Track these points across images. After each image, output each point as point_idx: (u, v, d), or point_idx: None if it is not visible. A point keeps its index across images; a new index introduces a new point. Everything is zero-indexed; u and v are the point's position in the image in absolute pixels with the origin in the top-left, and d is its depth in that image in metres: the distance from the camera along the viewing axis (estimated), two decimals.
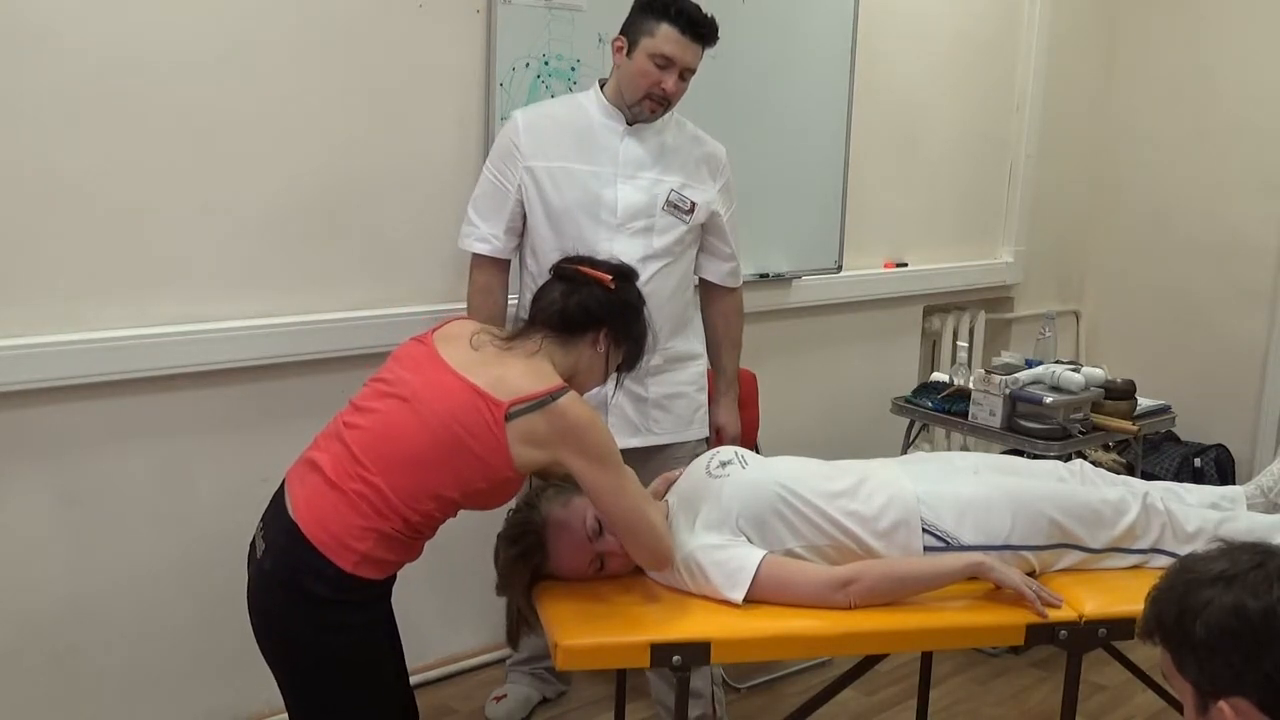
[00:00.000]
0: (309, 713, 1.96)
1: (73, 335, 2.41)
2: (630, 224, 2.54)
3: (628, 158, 2.56)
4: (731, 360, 2.81)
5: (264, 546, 1.90)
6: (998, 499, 2.15)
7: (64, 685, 2.54)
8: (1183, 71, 4.45)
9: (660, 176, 2.58)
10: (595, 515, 2.02)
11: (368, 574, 1.84)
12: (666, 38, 2.45)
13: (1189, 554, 1.39)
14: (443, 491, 1.85)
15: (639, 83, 2.49)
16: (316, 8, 2.65)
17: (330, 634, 1.86)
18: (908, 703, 2.98)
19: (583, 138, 2.57)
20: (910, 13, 3.93)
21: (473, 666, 3.19)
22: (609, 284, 2.04)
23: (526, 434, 1.84)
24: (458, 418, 1.84)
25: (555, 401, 1.85)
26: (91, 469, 2.50)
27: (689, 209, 2.60)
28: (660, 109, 2.54)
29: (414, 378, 1.91)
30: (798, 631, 1.97)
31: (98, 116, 2.39)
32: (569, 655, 1.88)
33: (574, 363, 1.99)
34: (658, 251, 2.57)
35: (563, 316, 2.00)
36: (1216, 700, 1.23)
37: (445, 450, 1.83)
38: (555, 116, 2.62)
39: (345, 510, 1.82)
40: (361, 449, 1.85)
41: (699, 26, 2.47)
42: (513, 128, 2.59)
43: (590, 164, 2.55)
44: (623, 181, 2.55)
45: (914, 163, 4.09)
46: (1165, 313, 4.57)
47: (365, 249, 2.82)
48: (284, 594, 1.86)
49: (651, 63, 2.47)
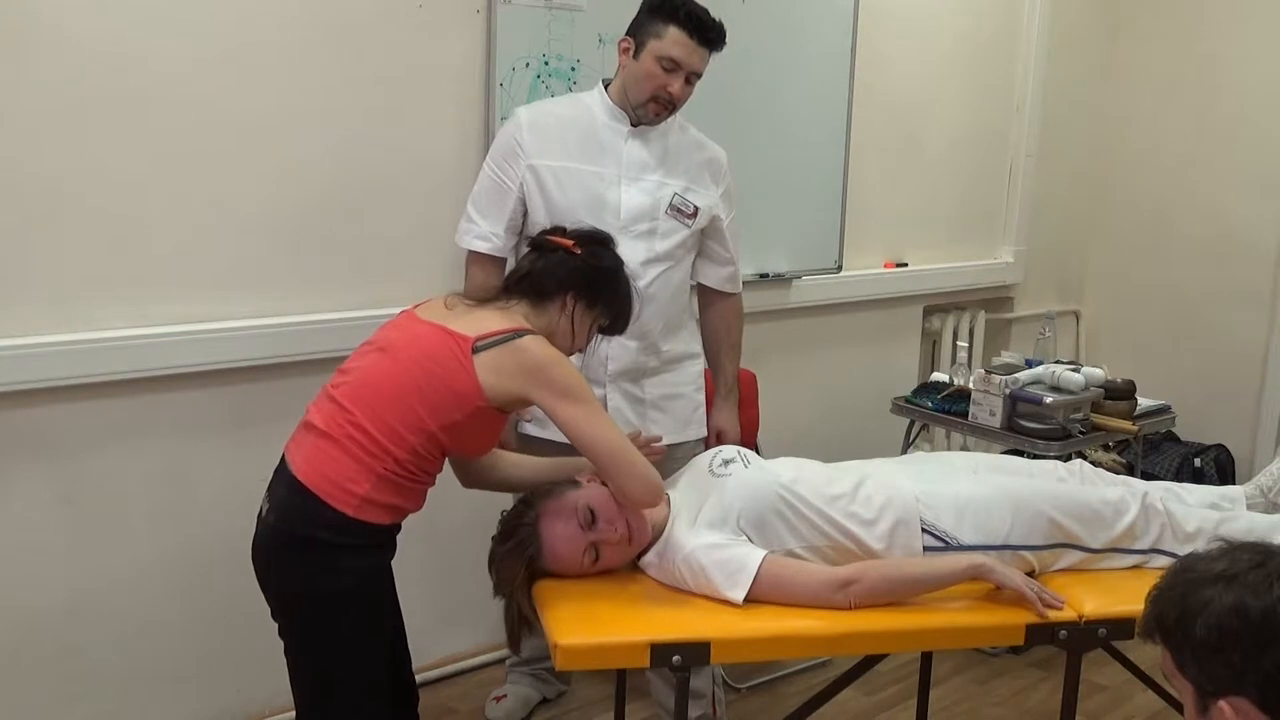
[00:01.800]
0: (307, 657, 2.02)
1: (73, 335, 2.41)
2: (633, 226, 2.53)
3: (631, 159, 2.55)
4: (731, 364, 2.79)
5: (268, 505, 2.00)
6: (997, 499, 2.15)
7: (64, 684, 2.53)
8: (1182, 71, 4.46)
9: (664, 179, 2.57)
10: (588, 504, 2.03)
11: (369, 518, 1.94)
12: (674, 41, 2.43)
13: (1190, 553, 1.39)
14: (421, 424, 1.94)
15: (645, 85, 2.47)
16: (316, 8, 2.65)
17: (330, 576, 1.95)
18: (908, 703, 2.98)
19: (587, 137, 2.55)
20: (910, 13, 3.93)
21: (473, 666, 3.19)
22: (572, 248, 2.11)
23: (493, 367, 1.94)
24: (428, 353, 1.96)
25: (519, 339, 1.96)
26: (91, 469, 2.50)
27: (692, 213, 2.59)
28: (666, 112, 2.52)
29: (393, 333, 2.05)
30: (798, 631, 1.97)
31: (97, 117, 2.39)
32: (569, 655, 1.88)
33: (545, 324, 2.07)
34: (660, 255, 2.56)
35: (530, 280, 2.09)
36: (1217, 700, 1.23)
37: (416, 383, 1.94)
38: (559, 115, 2.60)
39: (339, 455, 1.93)
40: (346, 398, 1.97)
41: (707, 31, 2.45)
42: (515, 125, 2.57)
43: (594, 164, 2.53)
44: (627, 183, 2.54)
45: (914, 163, 4.09)
46: (1165, 313, 4.57)
47: (365, 249, 2.82)
48: (286, 540, 1.96)
49: (658, 65, 2.45)
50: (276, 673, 2.09)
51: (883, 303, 4.07)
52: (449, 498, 2.18)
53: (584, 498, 2.05)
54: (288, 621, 2.02)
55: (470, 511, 2.50)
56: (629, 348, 2.56)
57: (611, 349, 2.54)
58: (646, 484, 2.02)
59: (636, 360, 2.60)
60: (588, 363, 2.47)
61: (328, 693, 2.01)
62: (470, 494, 2.25)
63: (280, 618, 2.03)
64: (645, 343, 2.59)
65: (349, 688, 2.00)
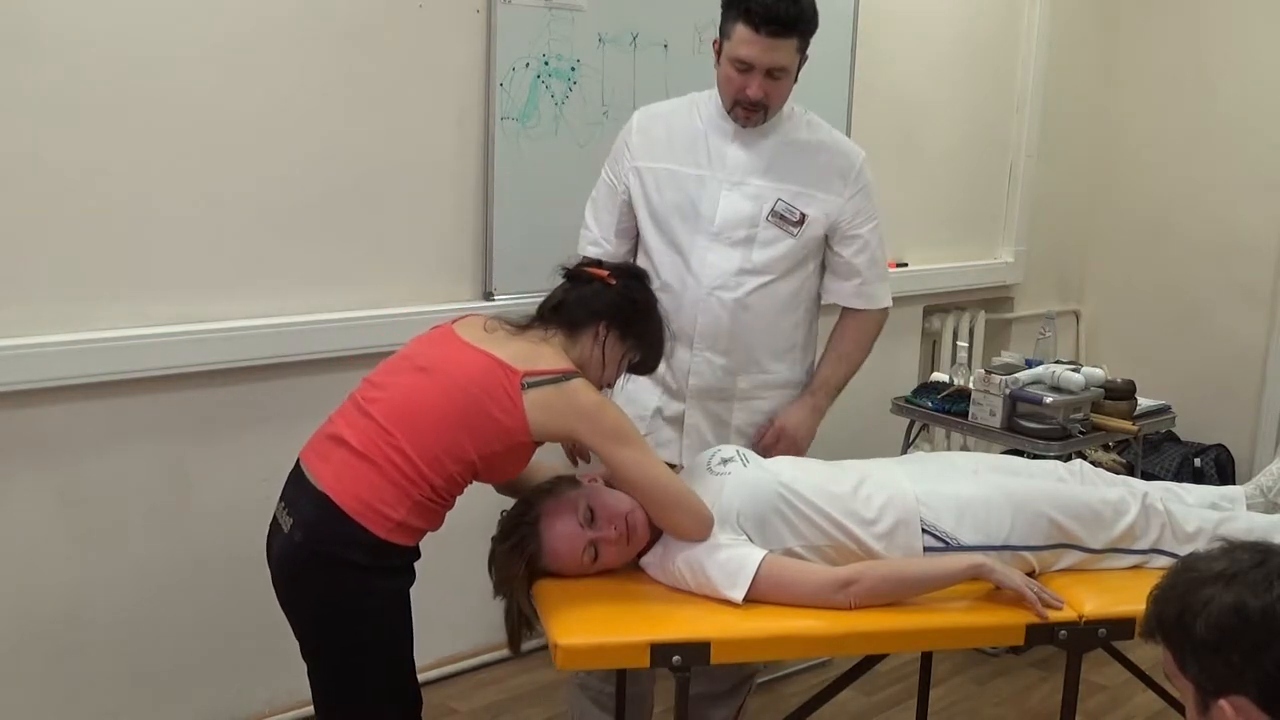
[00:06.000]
0: (338, 680, 2.00)
1: (73, 335, 2.41)
2: (729, 233, 2.38)
3: (736, 162, 2.39)
4: (828, 368, 2.57)
5: (291, 521, 1.95)
6: (997, 499, 2.15)
7: (64, 685, 2.53)
8: (1182, 71, 4.45)
9: (772, 183, 2.39)
10: (587, 504, 2.04)
11: (400, 540, 1.92)
12: (741, 39, 2.24)
13: (1190, 553, 1.39)
14: (463, 453, 1.92)
15: (726, 90, 2.33)
16: (317, 8, 2.65)
17: (366, 599, 1.93)
18: (908, 703, 2.98)
19: (693, 139, 2.42)
20: (910, 13, 3.93)
21: (473, 666, 3.19)
22: (608, 279, 2.10)
23: (542, 404, 1.92)
24: (476, 381, 1.92)
25: (568, 382, 1.94)
26: (91, 469, 2.50)
27: (798, 220, 2.39)
28: (756, 115, 2.34)
29: (432, 350, 2.01)
30: (798, 631, 1.97)
31: (97, 116, 2.39)
32: (569, 655, 1.88)
33: (579, 356, 2.05)
34: (757, 266, 2.39)
35: (564, 310, 2.07)
36: (1218, 699, 1.23)
37: (464, 411, 1.91)
38: (668, 116, 2.48)
39: (376, 479, 1.89)
40: (386, 418, 1.92)
41: (776, 21, 2.21)
42: (627, 128, 2.49)
43: (695, 167, 2.40)
44: (728, 188, 2.39)
45: (914, 163, 4.08)
46: (1165, 313, 4.57)
47: (365, 249, 2.82)
48: (319, 563, 1.92)
49: (733, 67, 2.28)
50: (276, 673, 2.10)
51: None
52: None
53: (584, 497, 2.06)
54: (314, 641, 1.99)
55: (471, 511, 2.50)
56: (714, 364, 2.44)
57: (695, 362, 2.43)
58: (698, 519, 2.02)
59: (723, 380, 2.46)
60: (670, 372, 2.39)
61: (353, 707, 1.99)
62: (470, 494, 2.24)
63: (304, 636, 2.00)
64: (733, 360, 2.45)
65: (375, 703, 1.99)
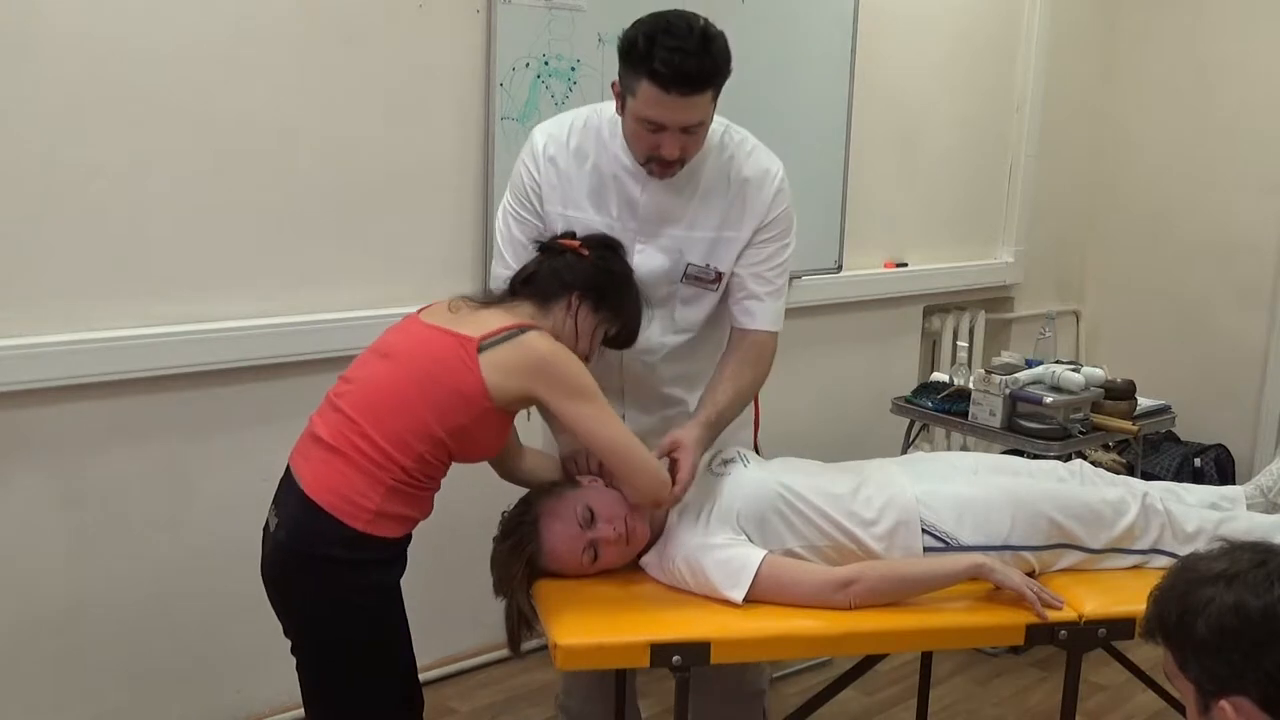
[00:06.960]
0: (327, 681, 1.98)
1: (73, 335, 2.41)
2: (648, 293, 2.16)
3: (648, 212, 2.16)
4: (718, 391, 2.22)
5: (277, 522, 1.95)
6: (997, 499, 2.15)
7: (64, 685, 2.54)
8: (1182, 71, 4.45)
9: (688, 232, 2.17)
10: (587, 504, 2.03)
11: (382, 532, 1.89)
12: (648, 100, 1.96)
13: (1191, 553, 1.39)
14: (428, 430, 1.89)
15: (636, 146, 2.08)
16: (317, 8, 2.65)
17: (351, 595, 1.91)
18: (908, 703, 2.98)
19: (603, 182, 2.17)
20: (910, 13, 3.93)
21: (473, 666, 3.19)
22: (580, 249, 2.08)
23: (498, 364, 1.89)
24: (431, 356, 1.91)
25: (524, 334, 1.91)
26: (92, 469, 2.50)
27: (713, 279, 2.20)
28: (672, 169, 2.09)
29: (393, 337, 2.00)
30: (798, 631, 1.97)
31: (97, 117, 2.39)
32: (569, 655, 1.88)
33: (551, 328, 2.01)
34: (681, 326, 2.26)
35: (535, 281, 2.05)
36: (1218, 699, 1.23)
37: (421, 387, 1.89)
38: (573, 149, 2.18)
39: (348, 470, 1.88)
40: (353, 409, 1.91)
41: (686, 81, 1.93)
42: (531, 154, 2.20)
43: (606, 215, 2.17)
44: (641, 241, 2.17)
45: (914, 163, 4.09)
46: (1165, 313, 4.57)
47: (365, 249, 2.82)
48: (301, 561, 1.91)
49: (642, 127, 2.02)
50: (276, 673, 2.09)
51: (883, 303, 4.06)
52: (449, 497, 2.17)
53: (584, 497, 2.06)
54: (304, 639, 1.98)
55: (470, 511, 2.50)
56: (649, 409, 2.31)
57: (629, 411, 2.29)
58: (655, 480, 2.00)
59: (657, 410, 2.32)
60: None
61: (346, 707, 1.98)
62: (470, 494, 2.24)
63: (295, 635, 1.99)
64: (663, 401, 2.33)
65: (368, 702, 1.97)
